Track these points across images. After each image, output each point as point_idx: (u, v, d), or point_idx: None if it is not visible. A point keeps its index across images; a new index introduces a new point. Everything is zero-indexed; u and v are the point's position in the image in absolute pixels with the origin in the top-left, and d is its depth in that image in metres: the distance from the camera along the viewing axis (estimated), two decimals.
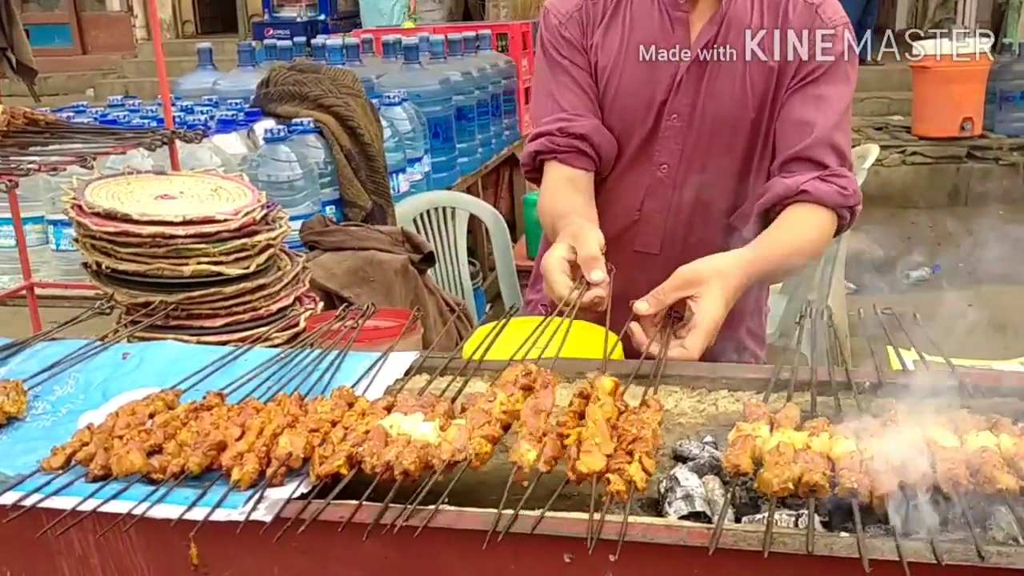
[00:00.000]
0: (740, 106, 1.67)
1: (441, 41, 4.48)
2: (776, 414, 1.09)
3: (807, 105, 1.64)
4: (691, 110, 1.69)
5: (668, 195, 1.75)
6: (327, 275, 2.52)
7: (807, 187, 1.59)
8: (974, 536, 0.86)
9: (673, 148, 1.72)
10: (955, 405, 1.11)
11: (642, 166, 1.75)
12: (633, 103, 1.71)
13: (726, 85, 1.67)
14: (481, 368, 1.32)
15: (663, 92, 1.69)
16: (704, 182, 1.73)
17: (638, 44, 1.70)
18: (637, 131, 1.73)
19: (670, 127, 1.70)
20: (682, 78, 1.67)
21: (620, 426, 1.06)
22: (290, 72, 3.24)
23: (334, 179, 3.01)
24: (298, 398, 1.17)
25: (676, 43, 1.68)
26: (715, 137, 1.69)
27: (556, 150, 1.72)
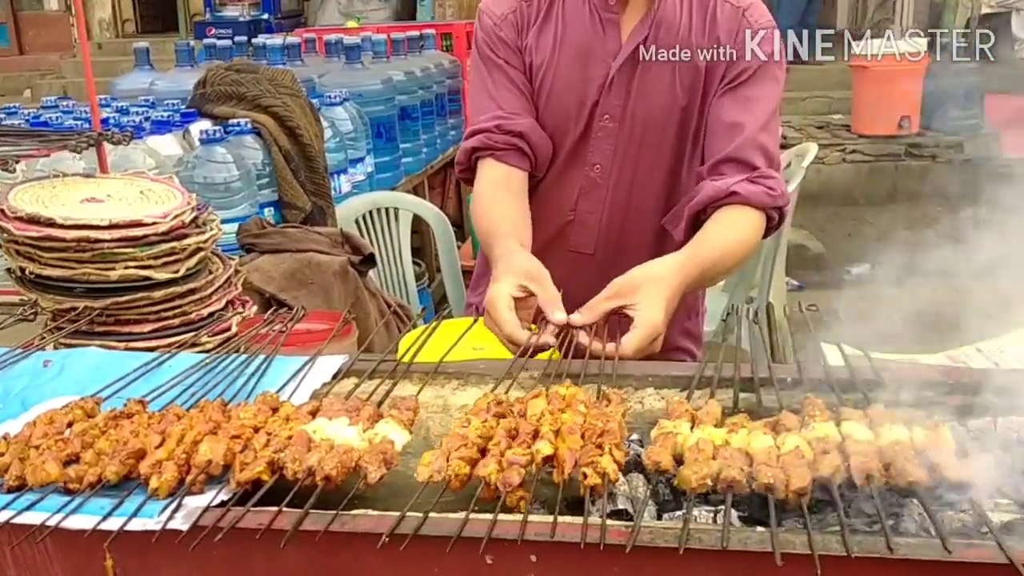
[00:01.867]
0: (670, 106, 1.70)
1: (384, 41, 4.46)
2: (698, 411, 1.10)
3: (736, 107, 1.67)
4: (622, 111, 1.71)
5: (602, 196, 1.77)
6: (264, 278, 2.49)
7: (736, 189, 1.61)
8: (884, 528, 0.88)
9: (605, 149, 1.74)
10: (873, 399, 1.13)
11: (576, 166, 1.76)
12: (566, 103, 1.73)
13: (656, 86, 1.69)
14: (411, 371, 1.31)
15: (595, 93, 1.71)
16: (637, 182, 1.75)
17: (570, 45, 1.72)
18: (570, 131, 1.74)
19: (602, 127, 1.72)
20: (613, 79, 1.69)
21: (586, 421, 1.07)
22: (227, 72, 3.19)
23: (272, 180, 2.97)
24: (221, 404, 1.15)
25: (607, 44, 1.70)
26: (646, 137, 1.72)
27: (493, 147, 1.72)
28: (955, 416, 1.12)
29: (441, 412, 1.25)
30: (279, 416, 1.13)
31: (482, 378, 1.29)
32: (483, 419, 1.07)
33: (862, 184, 7.16)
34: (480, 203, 1.75)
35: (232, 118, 2.98)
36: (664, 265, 1.49)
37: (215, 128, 2.77)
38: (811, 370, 1.24)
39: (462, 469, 0.99)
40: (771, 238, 3.96)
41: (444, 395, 1.28)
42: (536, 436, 1.07)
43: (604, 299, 1.43)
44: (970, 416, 1.12)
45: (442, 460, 1.00)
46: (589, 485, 0.97)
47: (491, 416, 1.08)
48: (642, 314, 1.40)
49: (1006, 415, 1.11)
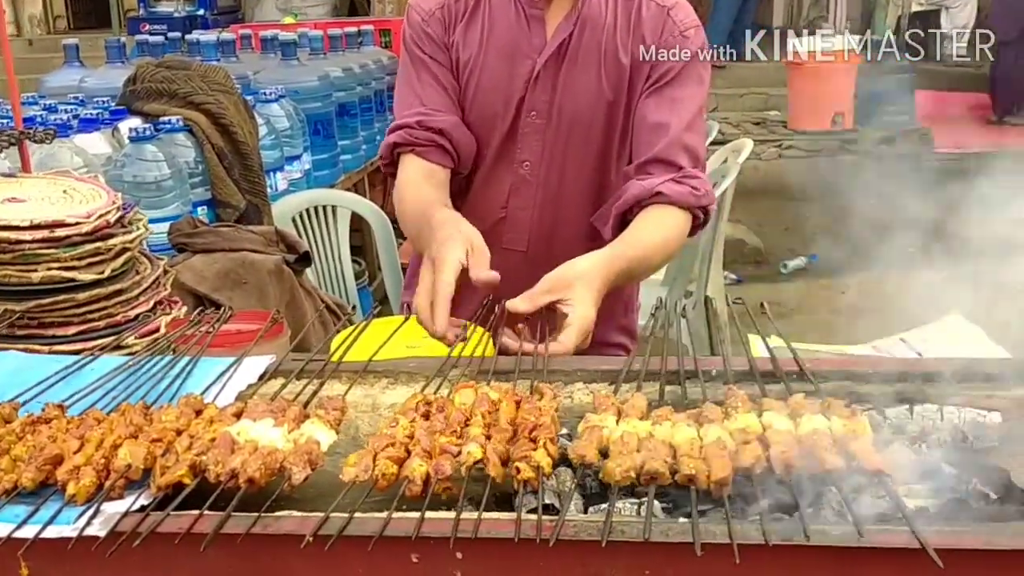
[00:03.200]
0: (597, 103, 1.71)
1: (321, 37, 4.41)
2: (624, 404, 1.11)
3: (661, 108, 1.69)
4: (549, 107, 1.72)
5: (532, 192, 1.77)
6: (197, 278, 2.45)
7: (662, 189, 1.63)
8: (802, 516, 0.90)
9: (534, 145, 1.74)
10: (794, 390, 1.16)
11: (505, 163, 1.77)
12: (493, 100, 1.74)
13: (582, 82, 1.70)
14: (340, 370, 1.30)
15: (521, 89, 1.72)
16: (566, 179, 1.76)
17: (496, 42, 1.73)
18: (498, 128, 1.75)
19: (530, 123, 1.73)
20: (539, 74, 1.71)
21: (519, 416, 1.08)
22: (158, 69, 3.13)
23: (206, 179, 2.92)
24: (142, 407, 1.13)
25: (532, 40, 1.71)
26: (574, 134, 1.73)
27: (415, 143, 1.72)
28: (874, 405, 1.15)
29: (370, 411, 1.24)
30: (202, 418, 1.11)
31: (412, 377, 1.28)
32: (411, 418, 1.07)
33: (798, 179, 7.29)
34: (406, 191, 1.74)
35: (163, 116, 2.92)
36: (591, 261, 1.51)
37: (145, 126, 2.72)
38: (735, 362, 1.26)
39: (389, 468, 0.99)
40: (708, 233, 4.04)
41: (373, 394, 1.27)
42: (467, 423, 1.07)
43: (541, 293, 1.45)
44: (888, 405, 1.15)
45: (369, 460, 1.00)
46: (522, 480, 0.98)
47: (419, 415, 1.08)
48: (576, 310, 1.42)
49: (922, 403, 1.14)
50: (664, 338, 1.35)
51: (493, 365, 1.28)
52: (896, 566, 0.88)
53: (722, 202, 4.07)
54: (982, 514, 0.97)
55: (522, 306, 1.43)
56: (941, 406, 1.14)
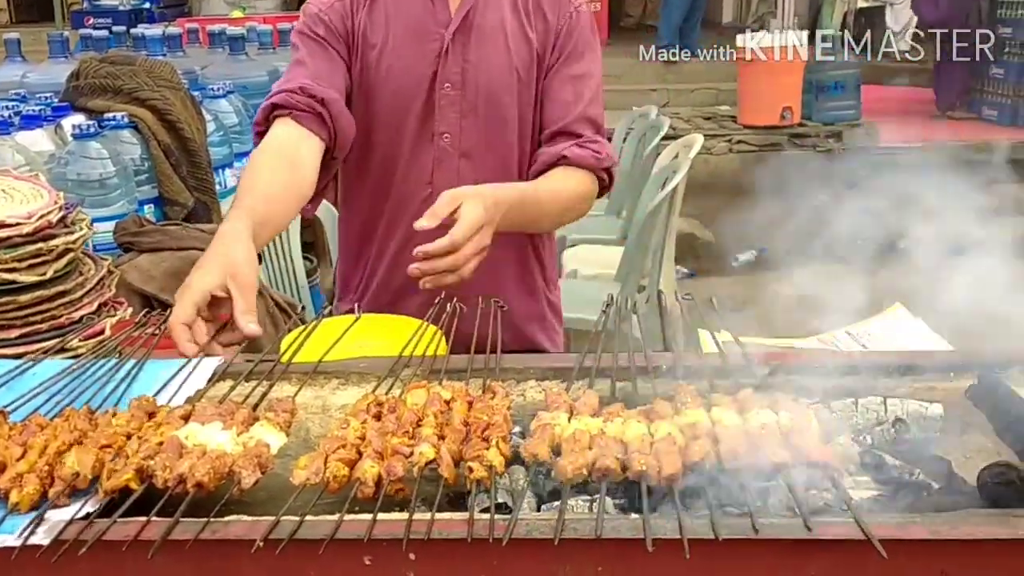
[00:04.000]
0: (507, 75, 1.79)
1: (270, 32, 4.36)
2: (576, 402, 1.12)
3: (566, 85, 1.80)
4: (462, 78, 1.77)
5: (455, 164, 1.81)
6: (144, 278, 2.41)
7: (566, 152, 1.76)
8: (751, 510, 0.91)
9: (451, 117, 1.78)
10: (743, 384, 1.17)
11: (426, 139, 1.80)
12: (406, 78, 1.77)
13: (490, 53, 1.77)
14: (290, 371, 1.29)
15: (432, 63, 1.76)
16: (487, 150, 1.81)
17: (402, 22, 1.77)
18: (414, 105, 1.78)
19: (445, 96, 1.77)
20: (448, 48, 1.75)
21: (471, 416, 1.08)
22: (102, 64, 3.06)
23: (152, 176, 2.86)
24: (87, 412, 1.11)
25: (438, 16, 1.77)
26: (490, 104, 1.79)
27: (294, 107, 1.69)
28: (821, 398, 1.17)
29: (321, 413, 1.23)
30: (152, 422, 1.09)
31: (363, 377, 1.28)
32: (362, 420, 1.06)
33: (748, 173, 7.39)
34: (256, 155, 1.71)
35: (107, 112, 2.87)
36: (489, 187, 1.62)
37: (89, 123, 2.66)
38: (686, 358, 1.27)
39: (340, 471, 0.98)
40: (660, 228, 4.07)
41: (324, 395, 1.26)
42: (419, 423, 1.07)
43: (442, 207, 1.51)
44: (834, 398, 1.17)
45: (320, 462, 0.99)
46: (475, 479, 0.98)
47: (371, 417, 1.07)
48: (465, 209, 1.50)
49: (866, 396, 1.16)
50: (616, 333, 1.35)
51: (445, 364, 1.27)
52: (843, 557, 0.90)
53: (673, 197, 4.11)
54: (925, 504, 0.99)
55: (427, 224, 1.47)
56: (885, 398, 1.16)
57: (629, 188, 4.99)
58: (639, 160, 5.05)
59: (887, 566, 0.87)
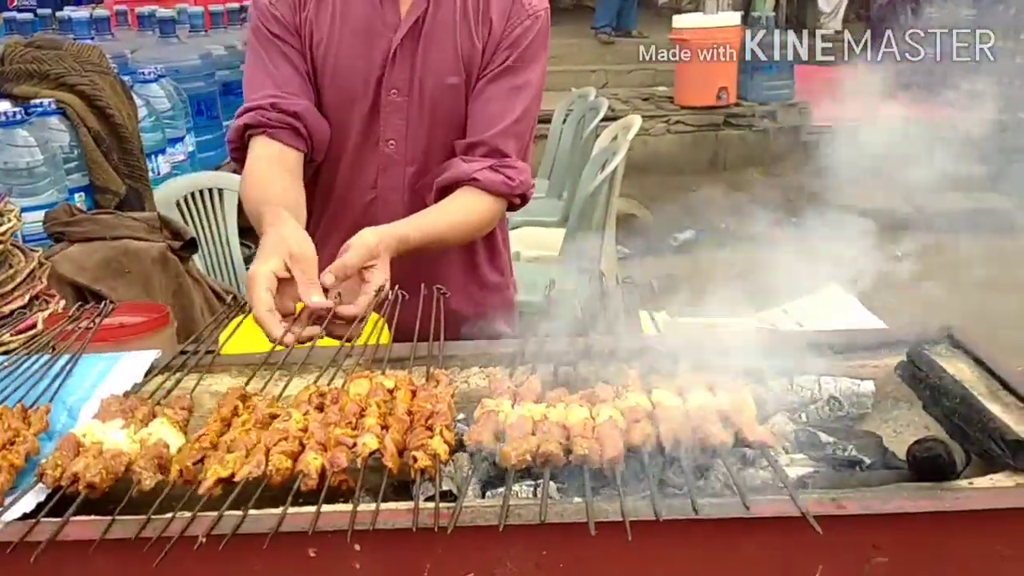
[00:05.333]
0: (451, 82, 1.72)
1: (201, 13, 4.26)
2: (519, 387, 1.12)
3: (500, 95, 1.71)
4: (409, 84, 1.71)
5: (400, 171, 1.76)
6: (76, 269, 2.35)
7: (477, 176, 1.68)
8: (691, 491, 0.93)
9: (397, 123, 1.73)
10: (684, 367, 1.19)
11: (371, 144, 1.75)
12: (351, 79, 1.71)
13: (439, 60, 1.70)
14: (228, 364, 1.27)
15: (379, 67, 1.70)
16: (433, 158, 1.75)
17: (350, 21, 1.70)
18: (358, 107, 1.72)
19: (391, 102, 1.72)
20: (396, 52, 1.69)
21: (415, 404, 1.08)
22: (28, 48, 2.97)
23: (82, 164, 2.79)
24: (21, 410, 1.09)
25: (387, 18, 1.70)
26: (437, 112, 1.73)
27: (267, 125, 1.66)
28: (758, 377, 1.19)
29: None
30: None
31: (305, 368, 1.27)
32: (304, 411, 1.06)
33: (685, 153, 7.48)
34: (252, 176, 1.67)
35: (34, 98, 2.78)
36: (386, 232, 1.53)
37: (15, 110, 2.58)
38: (627, 340, 1.29)
39: (283, 463, 0.97)
40: (600, 210, 4.09)
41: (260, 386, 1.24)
42: (362, 414, 1.07)
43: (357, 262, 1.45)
44: (771, 377, 1.20)
45: (260, 455, 0.98)
46: (419, 468, 0.98)
47: (313, 408, 1.06)
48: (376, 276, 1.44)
49: (800, 375, 1.19)
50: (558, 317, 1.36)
51: (388, 353, 1.27)
52: (780, 534, 0.93)
53: (613, 179, 4.14)
54: (858, 479, 1.02)
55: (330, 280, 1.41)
56: (819, 377, 1.19)
57: (569, 170, 5.00)
58: (579, 142, 5.07)
59: (822, 541, 0.90)
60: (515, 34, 1.70)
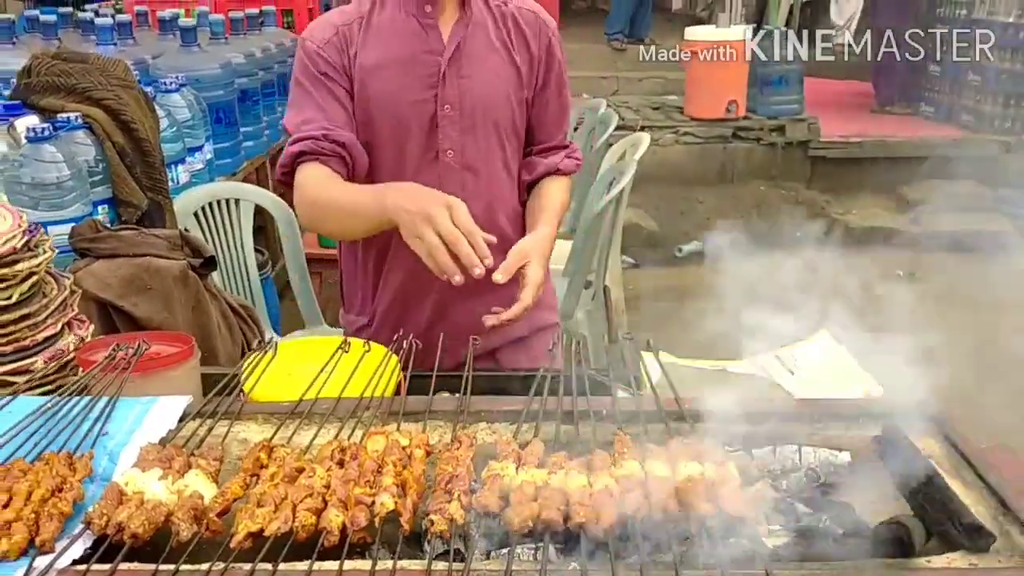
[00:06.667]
0: (498, 92, 1.97)
1: (222, 22, 4.35)
2: (524, 449, 1.22)
3: (552, 104, 2.07)
4: (460, 99, 1.93)
5: (459, 177, 1.97)
6: (101, 284, 2.44)
7: (561, 166, 2.09)
8: (675, 560, 1.03)
9: (453, 135, 1.95)
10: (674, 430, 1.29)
11: (431, 156, 1.96)
12: (405, 102, 1.93)
13: (481, 76, 1.95)
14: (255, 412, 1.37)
15: (431, 88, 1.92)
16: (487, 162, 2.00)
17: (398, 51, 1.92)
18: (415, 125, 1.94)
19: (445, 116, 1.93)
20: (445, 72, 1.91)
21: (437, 466, 1.17)
22: (55, 61, 3.06)
23: (106, 177, 2.88)
24: (67, 457, 1.18)
25: (432, 44, 1.93)
26: (486, 121, 1.97)
27: (319, 152, 1.87)
28: (743, 445, 1.29)
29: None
30: None
31: (325, 417, 1.36)
32: (327, 467, 1.15)
33: (693, 164, 7.55)
34: (314, 184, 1.87)
35: (60, 112, 2.87)
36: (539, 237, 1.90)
37: (43, 125, 2.66)
38: (623, 403, 1.38)
39: (308, 520, 1.07)
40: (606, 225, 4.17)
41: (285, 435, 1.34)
42: (379, 471, 1.16)
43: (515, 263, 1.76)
44: (756, 445, 1.29)
45: (288, 511, 1.08)
46: (436, 532, 1.08)
47: (334, 464, 1.16)
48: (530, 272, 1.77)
49: (782, 444, 1.29)
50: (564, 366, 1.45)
51: (402, 407, 1.37)
52: None
53: (620, 196, 4.22)
54: (830, 550, 1.12)
55: (503, 279, 1.70)
56: (800, 446, 1.29)
57: (578, 182, 5.09)
58: (588, 154, 5.15)
59: None
60: (545, 48, 2.01)
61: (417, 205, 1.62)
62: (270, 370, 1.53)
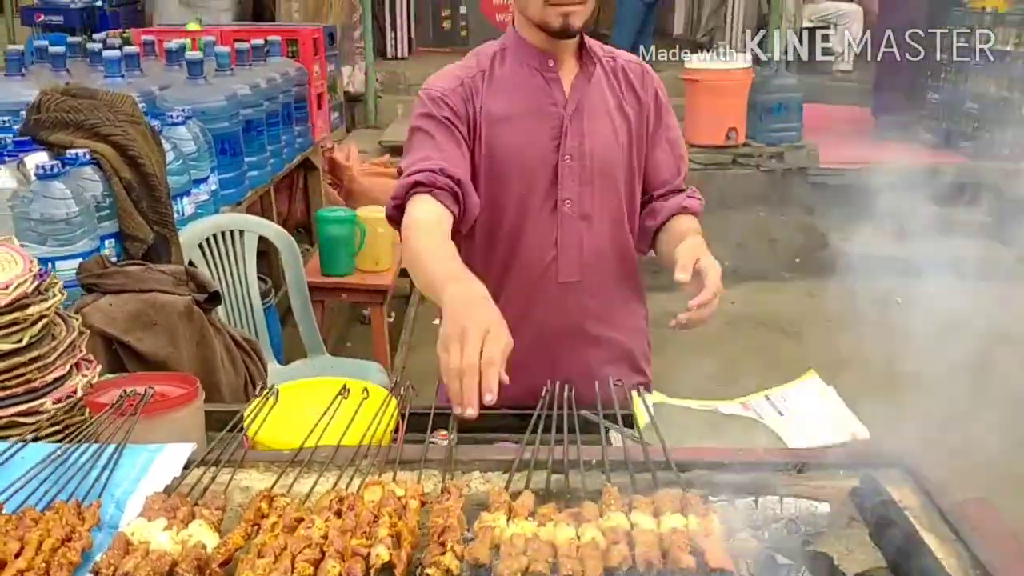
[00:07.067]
0: (613, 144, 2.07)
1: (227, 54, 4.42)
2: (515, 501, 1.27)
3: (665, 149, 2.16)
4: (580, 151, 2.03)
5: (578, 227, 2.05)
6: (107, 320, 2.51)
7: (686, 204, 2.16)
8: None
9: (572, 185, 2.04)
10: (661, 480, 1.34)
11: (550, 206, 2.05)
12: (531, 153, 2.02)
13: (600, 127, 2.05)
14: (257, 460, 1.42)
15: (554, 139, 2.02)
16: (603, 211, 2.07)
17: (521, 102, 2.02)
18: (539, 176, 2.03)
19: (566, 167, 2.03)
20: (567, 125, 2.02)
21: (430, 519, 1.21)
22: (64, 97, 3.13)
23: (113, 211, 2.95)
24: (76, 505, 1.23)
25: (554, 97, 2.03)
26: (603, 171, 2.06)
27: (435, 185, 1.91)
28: (727, 495, 1.33)
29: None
30: None
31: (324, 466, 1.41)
32: (325, 518, 1.20)
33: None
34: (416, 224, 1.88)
35: (69, 147, 2.94)
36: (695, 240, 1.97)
37: (52, 163, 2.73)
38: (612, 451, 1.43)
39: (307, 571, 1.12)
40: None
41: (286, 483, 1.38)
42: (375, 521, 1.21)
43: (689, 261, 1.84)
44: (739, 495, 1.34)
45: (287, 562, 1.13)
46: None
47: (332, 514, 1.21)
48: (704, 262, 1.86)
49: (765, 495, 1.33)
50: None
51: (399, 455, 1.41)
52: None
53: None
54: None
55: (684, 276, 1.82)
56: (782, 497, 1.33)
57: None
58: None
59: None
60: (653, 96, 2.12)
61: (459, 319, 1.51)
62: (272, 415, 1.58)
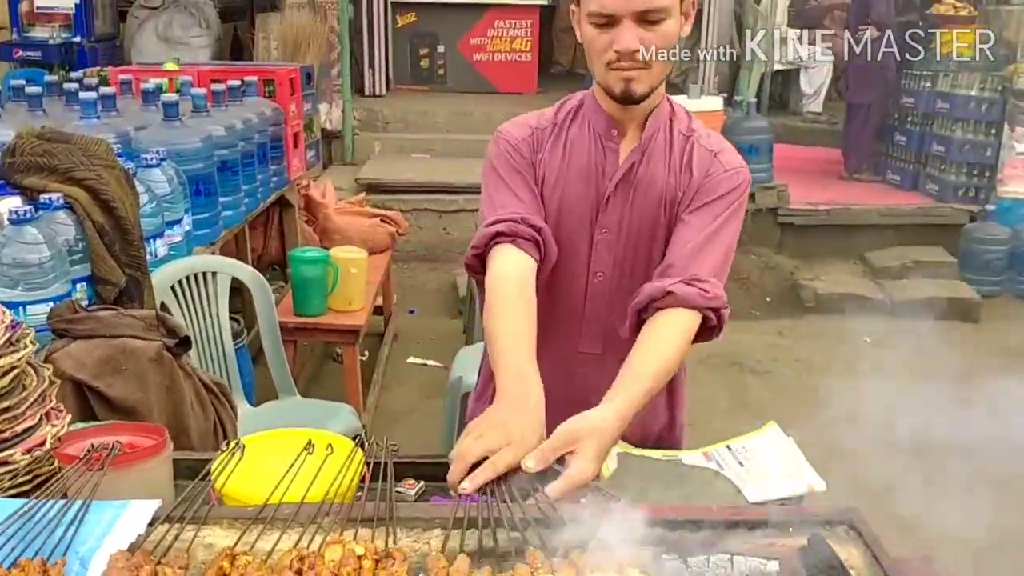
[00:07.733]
0: (655, 223, 1.97)
1: (203, 95, 4.46)
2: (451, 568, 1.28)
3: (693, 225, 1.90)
4: (619, 225, 1.97)
5: (605, 301, 2.01)
6: (76, 365, 2.52)
7: (672, 289, 1.81)
8: None
9: (606, 258, 1.99)
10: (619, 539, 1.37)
11: (581, 275, 2.01)
12: (572, 218, 1.98)
13: (645, 204, 1.96)
14: (221, 517, 1.44)
15: (596, 207, 1.97)
16: (631, 287, 1.95)
17: (577, 165, 1.98)
18: (576, 241, 1.98)
19: (602, 239, 1.98)
20: (610, 196, 1.96)
21: None
22: (39, 141, 3.16)
23: (85, 255, 2.96)
24: (41, 564, 1.25)
25: (607, 166, 1.96)
26: (639, 248, 1.98)
27: (518, 234, 1.89)
28: (679, 553, 1.37)
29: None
30: None
31: (287, 523, 1.43)
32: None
33: None
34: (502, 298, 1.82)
35: (43, 191, 2.97)
36: (603, 415, 1.63)
37: (25, 208, 2.76)
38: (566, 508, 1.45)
39: None
40: None
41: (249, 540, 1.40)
42: None
43: (552, 450, 1.55)
44: (691, 553, 1.38)
45: None
46: None
47: (293, 573, 1.24)
48: (575, 463, 1.54)
49: (716, 552, 1.38)
50: None
51: (360, 512, 1.44)
52: None
53: None
54: None
55: (534, 466, 1.52)
56: (732, 555, 1.37)
57: None
58: None
59: None
60: (711, 183, 1.91)
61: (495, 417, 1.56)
62: (239, 468, 1.61)
